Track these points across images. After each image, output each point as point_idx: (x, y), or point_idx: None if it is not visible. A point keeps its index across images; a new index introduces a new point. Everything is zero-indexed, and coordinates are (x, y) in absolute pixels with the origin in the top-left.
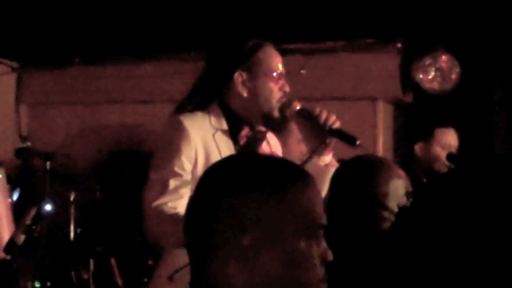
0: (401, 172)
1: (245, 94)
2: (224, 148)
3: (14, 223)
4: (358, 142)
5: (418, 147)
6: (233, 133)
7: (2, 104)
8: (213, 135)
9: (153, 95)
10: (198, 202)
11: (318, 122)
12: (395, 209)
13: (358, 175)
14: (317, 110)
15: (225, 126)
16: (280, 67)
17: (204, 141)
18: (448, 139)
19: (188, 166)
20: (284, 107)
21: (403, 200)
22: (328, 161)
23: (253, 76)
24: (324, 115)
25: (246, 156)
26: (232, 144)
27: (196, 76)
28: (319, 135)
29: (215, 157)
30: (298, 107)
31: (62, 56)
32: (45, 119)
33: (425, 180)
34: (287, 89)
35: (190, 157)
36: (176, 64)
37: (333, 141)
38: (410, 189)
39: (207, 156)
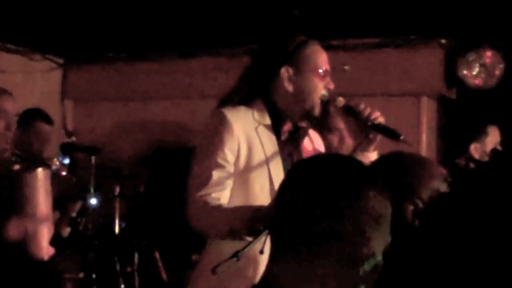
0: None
1: (290, 90)
2: (267, 142)
3: (60, 216)
4: (402, 137)
5: (473, 148)
6: (276, 128)
7: (48, 99)
8: (256, 129)
9: (196, 91)
10: (292, 195)
11: (361, 118)
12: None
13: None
14: (361, 105)
15: (268, 121)
16: (326, 64)
17: (247, 135)
18: (498, 136)
19: (231, 158)
20: (328, 103)
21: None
22: (373, 158)
23: (299, 72)
24: (367, 111)
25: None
26: (275, 139)
27: (237, 72)
28: (362, 130)
29: (258, 151)
30: (342, 103)
31: (107, 52)
32: (90, 114)
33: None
34: (331, 86)
35: (233, 149)
36: (218, 61)
37: (378, 138)
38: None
39: (249, 149)
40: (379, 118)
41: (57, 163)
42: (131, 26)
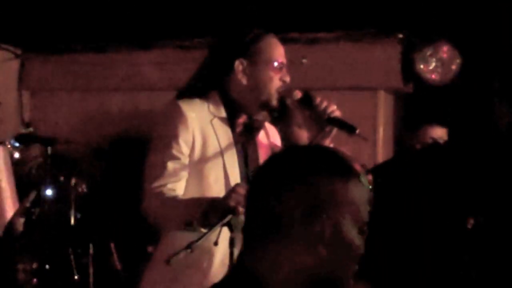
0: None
1: (244, 82)
2: (222, 134)
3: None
4: (357, 131)
5: (408, 137)
6: (231, 121)
7: (5, 90)
8: (211, 121)
9: (153, 83)
10: (262, 185)
11: (317, 111)
12: None
13: None
14: (317, 99)
15: (223, 113)
16: (282, 57)
17: (202, 127)
18: (432, 135)
19: (185, 150)
20: (285, 96)
21: None
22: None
23: (253, 64)
24: (324, 104)
25: (313, 148)
26: (230, 131)
27: (197, 64)
28: (319, 124)
29: (213, 143)
30: (298, 96)
31: (65, 42)
32: (47, 105)
33: None
34: (287, 79)
35: (188, 141)
36: (176, 52)
37: (333, 131)
38: None
39: (204, 141)
40: (335, 111)
41: (9, 146)
42: (90, 17)
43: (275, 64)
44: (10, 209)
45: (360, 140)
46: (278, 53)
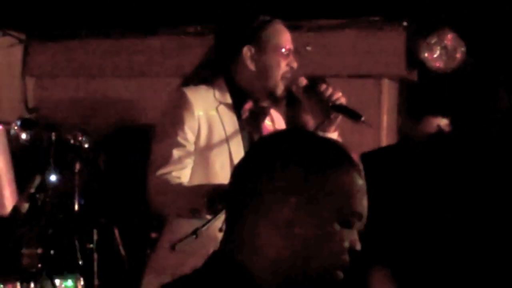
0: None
1: (252, 68)
2: (227, 121)
3: (19, 192)
4: (362, 118)
5: (403, 124)
6: (237, 107)
7: (9, 75)
8: (217, 108)
9: (158, 69)
10: (245, 167)
11: (323, 98)
12: None
13: None
14: (323, 86)
15: (229, 100)
16: (289, 43)
17: (207, 114)
18: (434, 126)
19: (191, 137)
20: (291, 83)
21: None
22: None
23: (261, 51)
24: (329, 91)
25: (304, 132)
26: (236, 118)
27: (201, 51)
28: (324, 111)
29: (218, 130)
30: (304, 83)
31: (69, 28)
32: (51, 91)
33: None
34: (294, 65)
35: (193, 128)
36: (180, 38)
37: (339, 118)
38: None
39: (210, 128)
40: (340, 98)
41: (15, 127)
42: (94, 2)
43: (283, 50)
44: (5, 187)
45: (363, 129)
46: (285, 39)
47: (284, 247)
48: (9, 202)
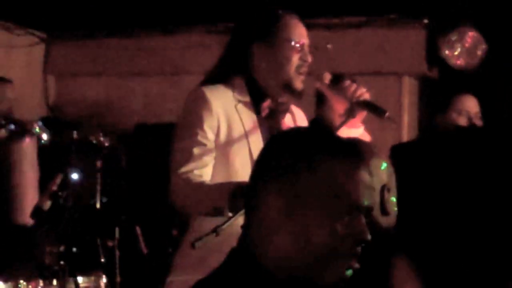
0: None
1: (264, 66)
2: (246, 119)
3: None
4: (387, 114)
5: (437, 118)
6: (256, 105)
7: (31, 74)
8: (235, 106)
9: (178, 68)
10: (257, 165)
11: (347, 94)
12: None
13: None
14: (347, 82)
15: (247, 98)
16: (302, 37)
17: (227, 112)
18: (464, 105)
19: (211, 136)
20: (316, 79)
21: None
22: (358, 134)
23: (271, 46)
24: (353, 87)
25: (316, 128)
26: (255, 116)
27: (218, 48)
28: (348, 107)
29: (238, 128)
30: (328, 79)
31: (90, 27)
32: (72, 90)
33: None
34: (308, 59)
35: (213, 126)
36: (201, 36)
37: (363, 114)
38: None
39: (229, 127)
40: (364, 94)
41: (37, 127)
42: (115, 1)
43: (292, 43)
44: (30, 197)
45: (384, 125)
46: (297, 32)
47: (288, 242)
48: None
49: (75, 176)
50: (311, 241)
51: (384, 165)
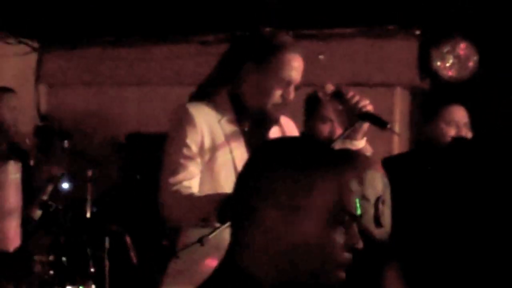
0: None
1: (248, 84)
2: (230, 133)
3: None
4: (389, 126)
5: (426, 128)
6: (240, 120)
7: (22, 83)
8: (219, 121)
9: (170, 78)
10: (241, 177)
11: (349, 105)
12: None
13: None
14: (349, 93)
15: (231, 113)
16: (293, 74)
17: (210, 128)
18: (453, 115)
19: (196, 149)
20: (318, 90)
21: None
22: (360, 146)
23: (260, 71)
24: (356, 98)
25: (300, 138)
26: (239, 130)
27: (212, 59)
28: (350, 118)
29: (221, 143)
30: (331, 89)
31: (82, 37)
32: (64, 99)
33: None
34: (290, 97)
35: (197, 141)
36: (192, 47)
37: (366, 125)
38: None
39: (213, 141)
40: (367, 106)
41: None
42: (107, 11)
43: (280, 78)
44: (12, 225)
45: (375, 137)
46: (289, 69)
47: (277, 252)
48: (12, 240)
49: (65, 185)
50: (303, 249)
51: (380, 177)
